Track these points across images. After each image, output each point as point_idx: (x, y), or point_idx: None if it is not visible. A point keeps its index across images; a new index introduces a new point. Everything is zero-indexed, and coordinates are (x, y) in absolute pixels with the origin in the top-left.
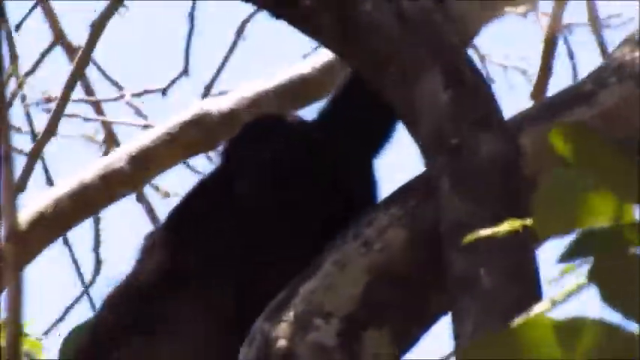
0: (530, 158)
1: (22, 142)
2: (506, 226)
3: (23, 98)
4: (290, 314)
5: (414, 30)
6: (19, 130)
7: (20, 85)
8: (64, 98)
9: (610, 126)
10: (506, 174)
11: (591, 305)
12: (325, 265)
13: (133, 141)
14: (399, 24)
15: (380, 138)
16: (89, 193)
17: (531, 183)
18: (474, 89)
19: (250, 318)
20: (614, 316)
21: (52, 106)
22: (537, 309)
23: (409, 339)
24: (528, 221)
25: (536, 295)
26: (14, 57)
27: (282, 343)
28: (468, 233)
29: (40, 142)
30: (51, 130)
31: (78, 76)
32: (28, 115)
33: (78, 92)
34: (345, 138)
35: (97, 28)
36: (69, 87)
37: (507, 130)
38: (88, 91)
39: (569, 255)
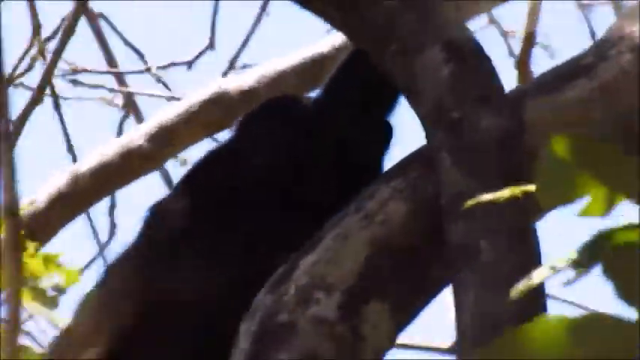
0: (531, 132)
1: (44, 111)
2: (506, 192)
3: (49, 71)
4: (291, 287)
5: (413, 7)
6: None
7: (41, 52)
8: (51, 67)
9: (610, 99)
10: (507, 148)
11: (604, 303)
12: (326, 238)
13: (152, 119)
14: (399, 1)
15: (383, 113)
16: (109, 170)
17: (533, 157)
18: (475, 64)
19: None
20: (629, 313)
21: (78, 76)
22: (536, 275)
23: (410, 312)
24: (528, 188)
25: (536, 265)
26: (37, 27)
27: (283, 316)
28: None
29: (26, 110)
30: (36, 99)
31: (61, 51)
32: (51, 85)
33: (102, 63)
34: (351, 118)
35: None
36: (57, 53)
37: (509, 105)
38: (112, 62)
39: (583, 260)
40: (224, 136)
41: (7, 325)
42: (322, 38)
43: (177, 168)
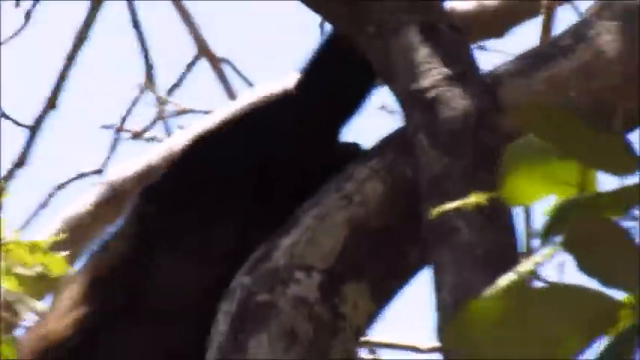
0: (508, 112)
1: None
2: (472, 200)
3: (162, 112)
4: (271, 268)
5: None
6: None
7: (162, 102)
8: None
9: (588, 80)
10: (484, 128)
11: (570, 274)
12: (306, 218)
13: (197, 124)
14: None
15: (357, 98)
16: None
17: (510, 138)
18: (450, 45)
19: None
20: (591, 284)
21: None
22: (521, 269)
23: (389, 292)
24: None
25: (513, 244)
26: (149, 67)
27: (263, 296)
28: (445, 187)
29: (41, 115)
30: (51, 103)
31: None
32: (166, 128)
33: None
34: (323, 106)
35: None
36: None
37: (484, 85)
38: (230, 93)
39: (548, 232)
40: None
41: None
42: None
43: None
